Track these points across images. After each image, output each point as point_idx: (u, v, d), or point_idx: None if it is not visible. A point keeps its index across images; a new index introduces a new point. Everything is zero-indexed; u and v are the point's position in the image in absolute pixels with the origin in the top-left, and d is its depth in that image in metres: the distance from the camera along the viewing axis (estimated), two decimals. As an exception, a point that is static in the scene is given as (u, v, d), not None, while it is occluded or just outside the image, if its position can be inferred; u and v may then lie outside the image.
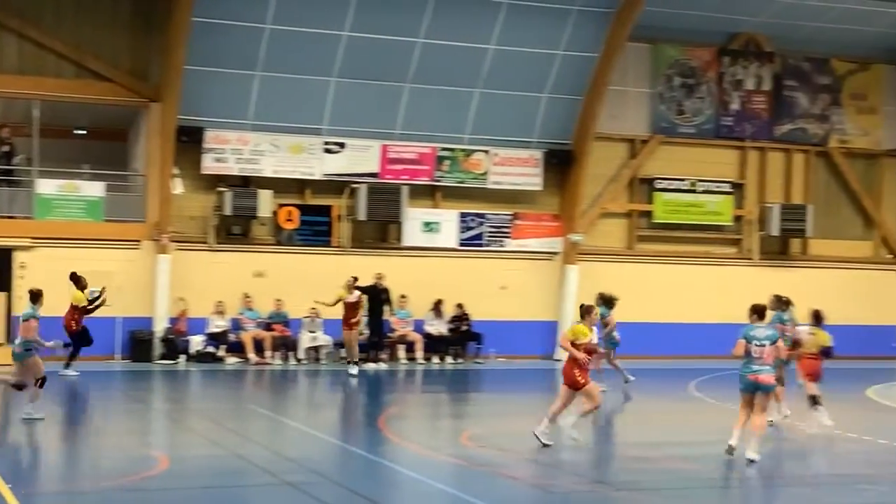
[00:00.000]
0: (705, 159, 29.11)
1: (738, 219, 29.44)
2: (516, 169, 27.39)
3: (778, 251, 29.82)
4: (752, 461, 14.35)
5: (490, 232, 27.49)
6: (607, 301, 21.69)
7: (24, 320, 16.56)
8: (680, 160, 28.88)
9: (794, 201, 29.60)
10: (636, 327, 25.88)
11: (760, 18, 28.38)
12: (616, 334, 22.00)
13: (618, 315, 25.86)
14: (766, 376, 14.46)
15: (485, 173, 27.26)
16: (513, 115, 27.01)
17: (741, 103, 29.30)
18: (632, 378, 22.47)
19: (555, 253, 27.86)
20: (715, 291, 28.17)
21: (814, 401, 17.41)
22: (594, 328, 16.03)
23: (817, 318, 17.58)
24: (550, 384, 25.18)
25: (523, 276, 27.54)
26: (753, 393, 14.59)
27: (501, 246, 27.57)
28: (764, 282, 28.46)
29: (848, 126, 30.28)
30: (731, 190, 29.22)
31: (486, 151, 27.19)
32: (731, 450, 14.70)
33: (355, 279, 23.77)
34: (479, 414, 20.31)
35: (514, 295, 27.15)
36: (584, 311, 15.53)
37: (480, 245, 27.43)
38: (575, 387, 15.22)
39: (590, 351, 15.53)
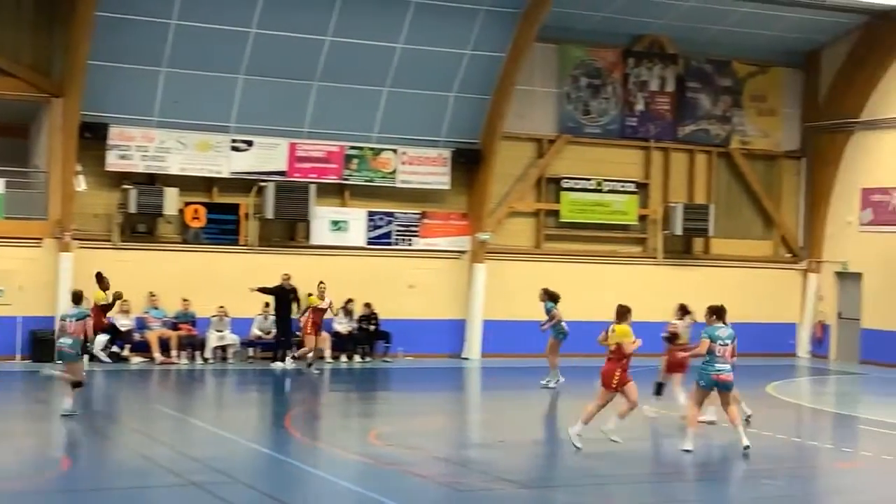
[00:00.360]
0: (611, 159, 29.48)
1: (642, 218, 29.86)
2: (424, 168, 27.47)
3: (681, 250, 30.32)
4: (747, 447, 15.22)
5: (398, 231, 27.52)
6: (552, 296, 22.60)
7: (77, 320, 17.01)
8: (586, 160, 29.20)
9: (696, 201, 30.12)
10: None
11: (664, 21, 28.81)
12: (564, 325, 22.66)
13: (525, 314, 26.13)
14: (727, 375, 15.31)
15: (393, 172, 27.29)
16: (421, 114, 27.07)
17: (645, 104, 29.73)
18: (561, 380, 22.72)
19: (463, 252, 27.99)
20: (620, 290, 28.44)
21: (658, 390, 18.50)
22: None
23: (684, 312, 18.67)
24: (458, 382, 25.36)
25: (431, 274, 27.62)
26: (711, 390, 15.38)
27: (409, 245, 27.62)
28: (668, 280, 29.01)
29: (748, 127, 30.89)
30: (635, 190, 29.63)
31: (394, 150, 27.21)
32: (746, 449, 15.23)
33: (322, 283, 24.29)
34: (387, 413, 20.34)
35: (423, 293, 27.23)
36: (626, 312, 15.74)
37: (389, 244, 27.45)
38: (614, 388, 15.36)
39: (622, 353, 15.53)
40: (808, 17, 29.08)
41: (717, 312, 15.55)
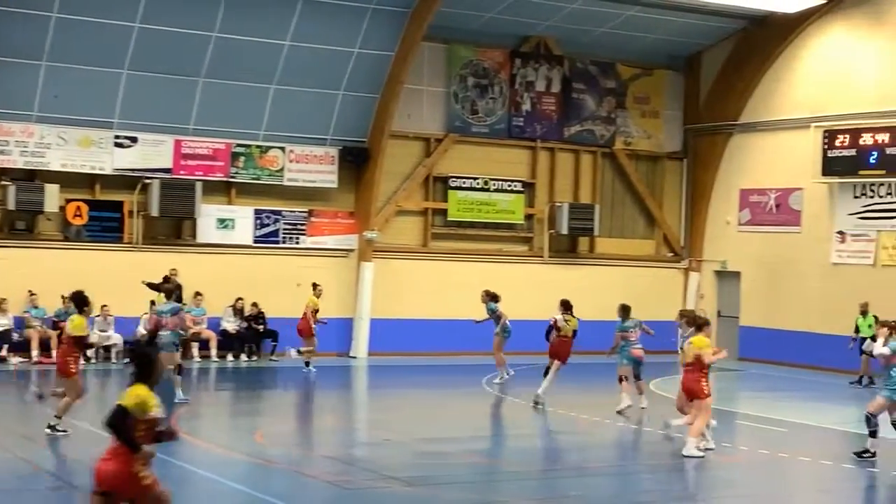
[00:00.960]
0: (498, 158, 29.73)
1: (529, 217, 30.18)
2: (312, 166, 27.37)
3: (567, 249, 30.74)
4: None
5: (286, 229, 27.38)
6: (493, 297, 23.45)
7: (173, 314, 18.66)
8: (473, 159, 29.41)
9: (582, 201, 30.56)
10: (430, 324, 26.33)
11: (550, 22, 29.17)
12: (508, 323, 23.41)
13: (412, 313, 26.24)
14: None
15: (280, 170, 27.13)
16: (309, 112, 26.96)
17: (532, 104, 30.05)
18: (511, 373, 23.29)
19: (350, 250, 27.96)
20: (507, 288, 28.76)
21: (547, 371, 20.24)
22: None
23: (567, 307, 20.47)
24: (345, 381, 25.32)
25: (319, 273, 27.46)
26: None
27: (297, 243, 27.49)
28: (554, 279, 29.37)
29: (632, 129, 31.45)
30: (522, 189, 29.94)
31: (281, 148, 27.04)
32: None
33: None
34: (274, 412, 20.24)
35: (310, 292, 27.07)
36: (704, 323, 16.49)
37: (276, 242, 27.28)
38: (698, 397, 15.62)
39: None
40: (689, 21, 29.73)
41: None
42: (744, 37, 30.42)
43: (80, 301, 16.12)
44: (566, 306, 20.56)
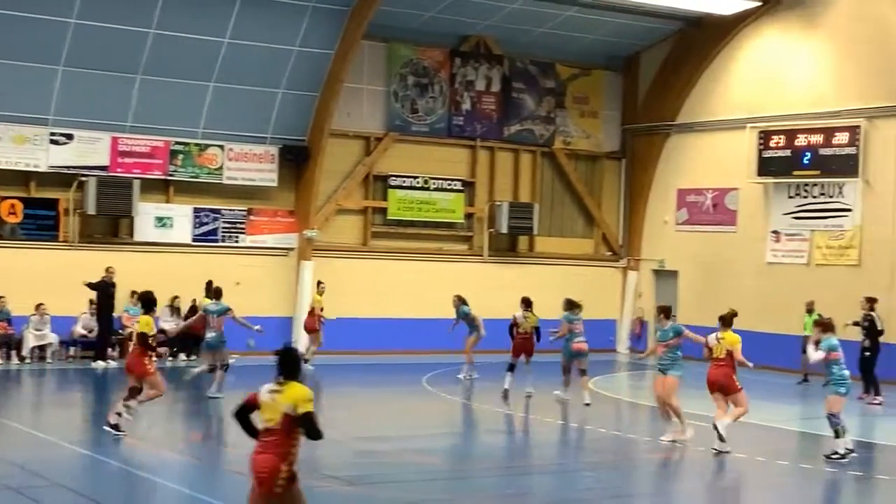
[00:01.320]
0: (438, 157, 29.79)
1: (469, 216, 30.26)
2: (251, 164, 27.23)
3: (506, 248, 30.86)
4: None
5: (225, 227, 27.21)
6: (464, 300, 23.99)
7: (219, 315, 19.64)
8: (413, 158, 29.44)
9: (521, 200, 30.70)
10: (370, 322, 26.28)
11: (490, 22, 29.27)
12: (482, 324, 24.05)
13: (352, 311, 26.22)
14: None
15: (220, 168, 26.96)
16: (248, 110, 26.82)
17: (472, 104, 30.14)
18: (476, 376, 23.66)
19: (290, 249, 27.85)
20: (447, 287, 28.85)
21: (511, 368, 21.09)
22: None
23: (527, 304, 21.47)
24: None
25: (258, 271, 27.40)
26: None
27: (236, 242, 27.33)
28: (493, 278, 29.49)
29: (571, 128, 31.66)
30: (462, 188, 30.02)
31: (220, 146, 26.87)
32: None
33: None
34: (212, 411, 20.09)
35: (249, 291, 26.88)
36: (731, 318, 16.46)
37: (215, 241, 27.10)
38: (732, 391, 15.99)
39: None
40: (627, 22, 29.98)
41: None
42: (681, 38, 30.74)
43: (147, 301, 16.36)
44: (527, 304, 21.43)
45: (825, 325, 16.06)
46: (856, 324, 22.88)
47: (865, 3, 26.90)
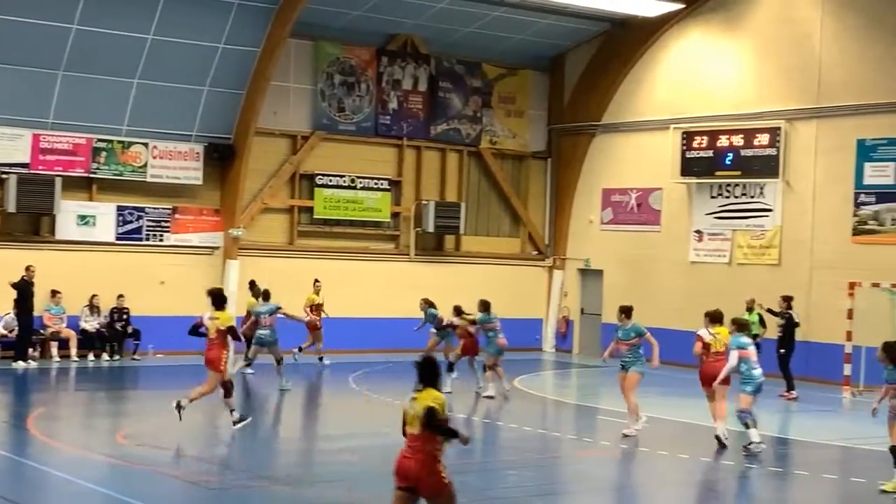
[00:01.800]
0: (364, 156, 29.73)
1: (395, 215, 30.26)
2: (176, 162, 26.95)
3: (433, 247, 30.91)
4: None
5: (149, 226, 26.91)
6: (431, 303, 24.29)
7: (270, 314, 21.02)
8: (340, 157, 29.36)
9: (448, 199, 30.77)
10: (296, 322, 26.02)
11: (416, 21, 29.29)
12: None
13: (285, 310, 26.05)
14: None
15: (144, 166, 26.66)
16: (173, 108, 26.55)
17: (399, 103, 30.14)
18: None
19: (215, 248, 27.64)
20: (373, 286, 28.91)
21: (450, 367, 21.36)
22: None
23: (458, 312, 22.15)
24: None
25: (183, 270, 27.16)
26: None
27: (161, 240, 27.05)
28: (420, 277, 29.52)
29: (498, 128, 31.80)
30: (388, 187, 30.00)
31: (144, 144, 26.56)
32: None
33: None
34: (137, 412, 19.90)
35: (174, 290, 26.70)
36: (720, 315, 17.29)
37: (139, 239, 26.80)
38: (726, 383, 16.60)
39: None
40: (554, 22, 30.19)
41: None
42: (606, 39, 31.03)
43: (219, 298, 17.11)
44: (457, 311, 22.35)
45: (740, 325, 16.63)
46: (771, 311, 23.91)
47: (786, 6, 27.37)
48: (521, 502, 13.10)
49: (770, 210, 27.55)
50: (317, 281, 26.11)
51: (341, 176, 29.24)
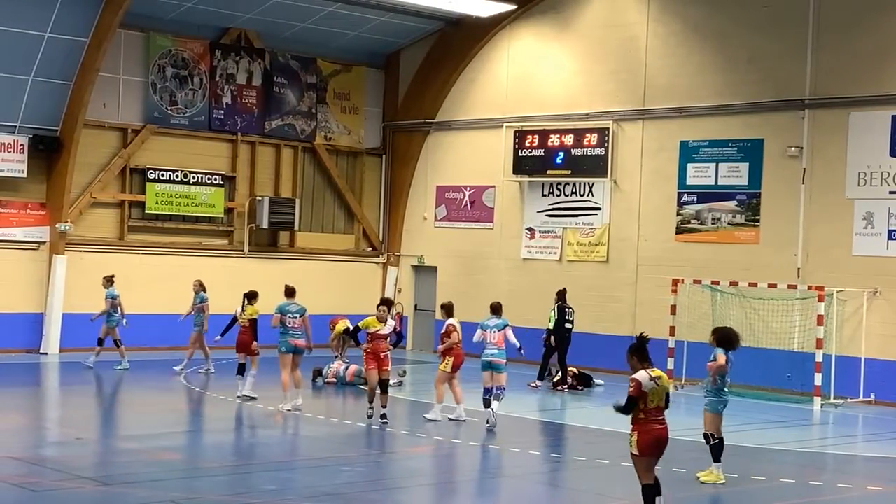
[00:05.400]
0: (198, 151, 29.33)
1: (229, 211, 29.95)
2: (-1, 154, 26.15)
3: (267, 243, 30.71)
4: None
5: (-31, 220, 26.02)
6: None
7: (300, 316, 19.54)
8: (173, 151, 28.90)
9: (282, 195, 30.63)
10: (127, 319, 25.56)
11: (251, 15, 29.05)
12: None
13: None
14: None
15: (-36, 158, 25.75)
16: (-5, 98, 25.74)
17: (233, 97, 29.83)
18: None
19: (41, 243, 26.89)
20: (206, 282, 28.48)
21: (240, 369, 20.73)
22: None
23: (250, 298, 21.24)
24: (34, 378, 24.34)
25: (7, 266, 26.35)
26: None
27: (-18, 235, 26.19)
28: (254, 273, 29.32)
29: (333, 124, 31.79)
30: (222, 182, 29.67)
31: (-35, 134, 25.69)
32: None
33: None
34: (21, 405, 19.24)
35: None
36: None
37: (-42, 234, 25.90)
38: None
39: None
40: (389, 20, 30.35)
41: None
42: (440, 37, 31.35)
43: (250, 294, 20.06)
44: (250, 297, 21.36)
45: (493, 309, 19.09)
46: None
47: (614, 11, 28.14)
48: (355, 497, 13.18)
49: (599, 208, 28.30)
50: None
51: (174, 171, 28.79)
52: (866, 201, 23.70)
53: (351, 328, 20.27)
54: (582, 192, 28.66)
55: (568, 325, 24.57)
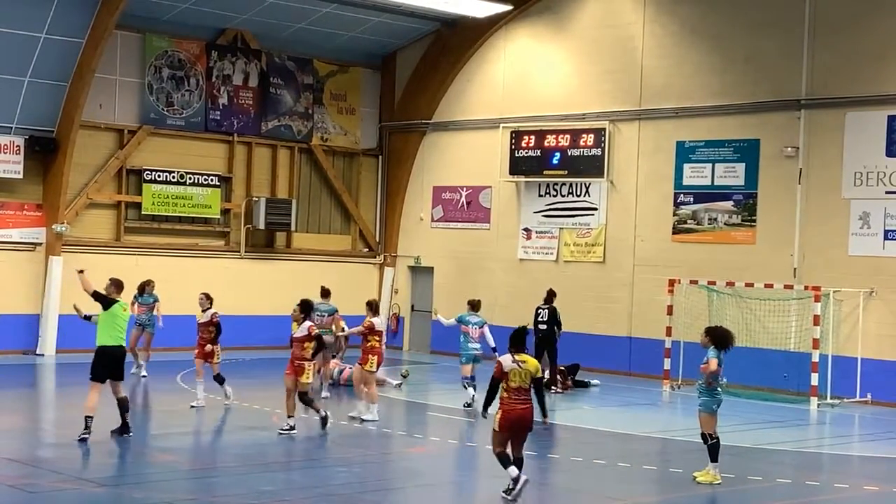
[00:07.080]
0: (194, 152, 29.32)
1: (225, 212, 29.95)
2: (-5, 156, 26.13)
3: (264, 244, 30.70)
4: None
5: (-34, 221, 26.01)
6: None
7: (329, 315, 21.11)
8: (169, 152, 28.89)
9: (279, 196, 30.62)
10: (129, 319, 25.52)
11: (247, 16, 29.04)
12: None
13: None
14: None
15: (-40, 159, 25.73)
16: (-9, 99, 25.73)
17: (229, 98, 29.83)
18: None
19: (38, 244, 26.88)
20: (203, 283, 28.44)
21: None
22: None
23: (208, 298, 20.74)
24: (31, 380, 24.32)
25: (4, 267, 26.33)
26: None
27: (-21, 236, 26.18)
28: (251, 274, 29.35)
29: (329, 125, 31.79)
30: (218, 183, 29.67)
31: (-39, 136, 25.66)
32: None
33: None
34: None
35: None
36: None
37: (-45, 235, 25.87)
38: None
39: None
40: (385, 21, 30.35)
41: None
42: (437, 38, 31.35)
43: (307, 307, 17.87)
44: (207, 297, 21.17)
45: (472, 305, 20.97)
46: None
47: (610, 11, 28.15)
48: (353, 498, 13.18)
49: (595, 209, 28.30)
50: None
51: (170, 171, 28.78)
52: (863, 201, 23.71)
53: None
54: (578, 193, 28.66)
55: (542, 326, 23.66)
